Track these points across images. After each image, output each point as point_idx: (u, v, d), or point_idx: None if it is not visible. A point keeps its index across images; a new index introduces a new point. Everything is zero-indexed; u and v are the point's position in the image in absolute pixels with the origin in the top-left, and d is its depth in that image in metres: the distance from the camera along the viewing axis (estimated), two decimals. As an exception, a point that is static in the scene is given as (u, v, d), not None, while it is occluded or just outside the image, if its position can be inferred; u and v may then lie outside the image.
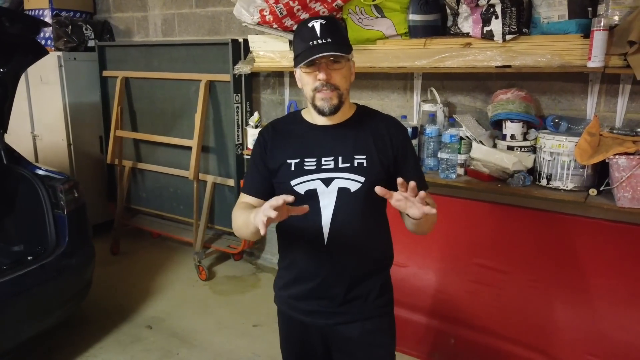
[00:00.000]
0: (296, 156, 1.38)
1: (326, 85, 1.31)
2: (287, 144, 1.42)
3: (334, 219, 1.35)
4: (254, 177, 1.46)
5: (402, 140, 1.43)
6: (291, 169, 1.38)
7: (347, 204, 1.35)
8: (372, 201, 1.34)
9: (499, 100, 2.35)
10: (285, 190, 1.37)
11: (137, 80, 3.88)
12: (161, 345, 2.74)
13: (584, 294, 2.23)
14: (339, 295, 1.40)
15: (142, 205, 4.11)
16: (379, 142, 1.39)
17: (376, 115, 1.48)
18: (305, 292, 1.43)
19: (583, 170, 2.13)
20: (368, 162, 1.36)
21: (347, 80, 1.36)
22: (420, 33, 2.45)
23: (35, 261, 2.41)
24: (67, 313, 2.63)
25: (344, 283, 1.40)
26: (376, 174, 1.36)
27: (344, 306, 1.42)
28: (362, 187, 1.35)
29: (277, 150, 1.41)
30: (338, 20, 1.37)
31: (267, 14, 2.65)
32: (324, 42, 1.28)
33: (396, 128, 1.44)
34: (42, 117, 4.09)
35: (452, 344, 2.50)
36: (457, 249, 2.54)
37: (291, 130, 1.44)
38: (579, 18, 2.09)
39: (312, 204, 1.34)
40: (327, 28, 1.30)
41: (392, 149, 1.39)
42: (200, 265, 3.48)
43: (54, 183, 2.61)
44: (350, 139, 1.38)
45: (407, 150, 1.43)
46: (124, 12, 4.19)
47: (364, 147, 1.38)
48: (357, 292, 1.42)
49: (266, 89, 3.44)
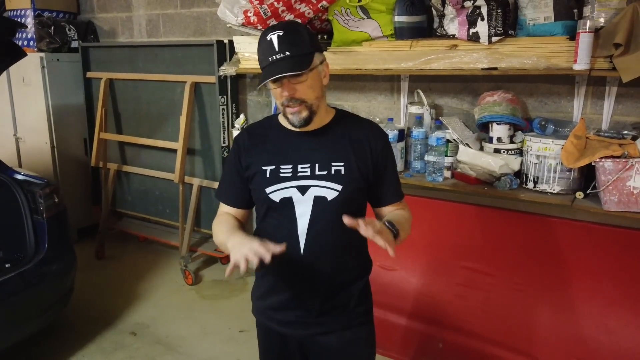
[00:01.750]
0: (272, 163, 1.35)
1: (292, 101, 1.27)
2: (263, 150, 1.37)
3: (310, 228, 1.32)
4: (229, 185, 1.44)
5: (382, 148, 1.39)
6: (266, 176, 1.34)
7: (323, 212, 1.32)
8: (350, 209, 1.31)
9: (486, 103, 2.33)
10: (261, 198, 1.36)
11: (122, 81, 3.82)
12: (145, 352, 2.69)
13: (570, 297, 2.22)
14: (316, 305, 1.38)
15: (127, 209, 4.05)
16: (357, 149, 1.35)
17: (356, 121, 1.44)
18: (281, 303, 1.41)
19: (570, 173, 2.12)
20: (346, 170, 1.32)
21: (316, 89, 1.29)
22: (407, 35, 2.43)
23: (14, 268, 2.36)
24: (47, 321, 2.57)
25: (321, 293, 1.37)
26: (353, 181, 1.33)
27: (322, 316, 1.39)
28: (338, 195, 1.31)
29: (253, 156, 1.38)
30: (299, 27, 1.30)
31: (251, 15, 2.61)
32: (283, 56, 1.22)
33: (376, 134, 1.40)
34: (25, 120, 4.02)
35: (440, 348, 2.48)
36: (444, 252, 2.52)
37: (267, 135, 1.40)
38: (565, 20, 2.07)
39: (287, 212, 1.32)
40: (285, 40, 1.23)
41: (371, 156, 1.36)
42: (186, 270, 3.43)
43: (33, 188, 2.55)
44: (328, 146, 1.35)
45: (386, 158, 1.40)
46: (108, 13, 4.12)
47: (341, 154, 1.34)
48: (335, 302, 1.39)
49: (252, 90, 3.40)
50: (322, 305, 1.38)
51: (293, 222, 1.32)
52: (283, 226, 1.33)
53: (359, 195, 1.37)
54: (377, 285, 1.61)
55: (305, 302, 1.38)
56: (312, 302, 1.38)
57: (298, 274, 1.36)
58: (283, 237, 1.32)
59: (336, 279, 1.38)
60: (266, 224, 1.40)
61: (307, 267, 1.34)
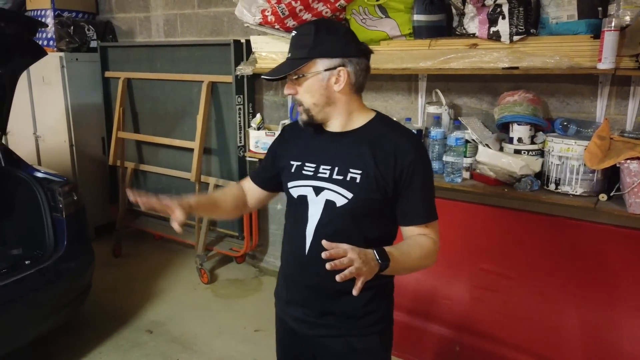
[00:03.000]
0: (299, 159, 1.38)
1: (294, 100, 1.33)
2: (296, 145, 1.42)
3: (317, 230, 1.32)
4: (261, 167, 1.53)
5: (410, 163, 1.27)
6: (292, 170, 1.38)
7: (331, 217, 1.30)
8: (360, 219, 1.29)
9: (506, 103, 2.29)
10: (285, 190, 1.41)
11: (139, 81, 3.85)
12: (161, 350, 2.70)
13: (592, 302, 2.17)
14: (318, 306, 1.38)
15: (144, 207, 4.07)
16: (381, 158, 1.28)
17: (391, 129, 1.35)
18: (290, 297, 1.44)
19: (593, 174, 2.07)
20: (362, 179, 1.28)
21: (314, 94, 1.28)
22: (425, 34, 2.40)
23: (33, 265, 2.38)
24: (65, 317, 2.59)
25: (322, 295, 1.36)
26: (367, 192, 1.27)
27: (325, 318, 1.38)
28: (347, 203, 1.28)
29: (287, 149, 1.43)
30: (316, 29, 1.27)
31: (269, 14, 2.60)
32: (287, 57, 1.31)
33: (407, 147, 1.29)
34: (45, 118, 4.07)
35: (457, 352, 2.45)
36: (463, 254, 2.48)
37: (304, 131, 1.40)
38: (589, 18, 2.03)
39: (302, 209, 1.34)
40: (295, 41, 1.30)
41: (394, 169, 1.27)
42: (202, 268, 3.45)
43: (52, 186, 2.57)
44: (351, 151, 1.31)
45: (413, 174, 1.27)
46: (126, 13, 4.16)
47: (362, 161, 1.29)
48: (337, 308, 1.36)
49: (269, 90, 3.39)
50: (325, 306, 1.37)
51: (304, 221, 1.34)
52: (297, 222, 1.36)
53: (372, 206, 1.29)
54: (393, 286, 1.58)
55: (308, 300, 1.39)
56: (315, 302, 1.38)
57: (302, 273, 1.38)
58: (295, 234, 1.37)
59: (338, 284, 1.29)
60: (289, 215, 1.44)
61: (310, 267, 1.34)
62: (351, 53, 1.29)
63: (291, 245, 1.42)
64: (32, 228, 2.60)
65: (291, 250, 1.42)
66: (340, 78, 1.28)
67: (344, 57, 1.28)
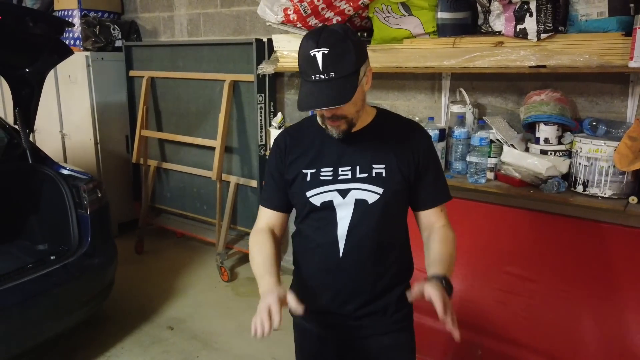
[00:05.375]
0: (312, 166, 1.31)
1: (332, 117, 1.22)
2: (303, 152, 1.33)
3: (350, 232, 1.28)
4: (271, 189, 1.39)
5: (425, 149, 1.33)
6: (307, 179, 1.30)
7: (364, 216, 1.28)
8: (391, 212, 1.28)
9: (532, 102, 2.24)
10: (301, 202, 1.32)
11: (163, 80, 3.89)
12: (181, 347, 2.72)
13: (619, 307, 2.11)
14: (354, 310, 1.35)
15: (166, 205, 4.12)
16: (399, 150, 1.30)
17: (398, 121, 1.39)
18: (319, 306, 1.37)
19: (623, 176, 2.01)
20: (387, 172, 1.28)
21: (358, 103, 1.23)
22: (449, 32, 2.36)
23: (58, 260, 2.43)
24: (89, 312, 2.63)
25: (359, 298, 1.34)
26: (395, 184, 1.29)
27: (360, 321, 1.36)
28: (380, 198, 1.27)
29: (293, 159, 1.34)
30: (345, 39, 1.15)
31: (291, 12, 2.59)
32: (327, 78, 1.13)
33: (419, 134, 1.35)
34: (71, 117, 4.15)
35: (479, 355, 2.41)
36: (486, 256, 2.43)
37: (307, 137, 1.35)
38: (620, 15, 1.97)
39: (328, 215, 1.29)
40: (330, 58, 1.13)
41: (413, 157, 1.30)
42: (222, 266, 3.46)
43: (77, 183, 2.62)
44: (369, 148, 1.30)
45: (429, 159, 1.33)
46: (150, 12, 4.21)
47: (382, 155, 1.29)
48: (373, 308, 1.35)
49: (290, 89, 3.39)
50: (360, 309, 1.35)
51: (333, 225, 1.29)
52: (323, 229, 1.30)
53: (400, 198, 1.32)
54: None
55: (343, 306, 1.35)
56: (350, 306, 1.34)
57: (336, 278, 1.33)
58: (323, 240, 1.31)
59: (375, 284, 1.34)
60: (306, 226, 1.36)
61: (346, 271, 1.31)
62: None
63: (320, 254, 1.34)
64: (57, 224, 2.64)
65: (320, 260, 1.34)
66: (369, 78, 1.26)
67: (367, 56, 1.24)
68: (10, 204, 2.88)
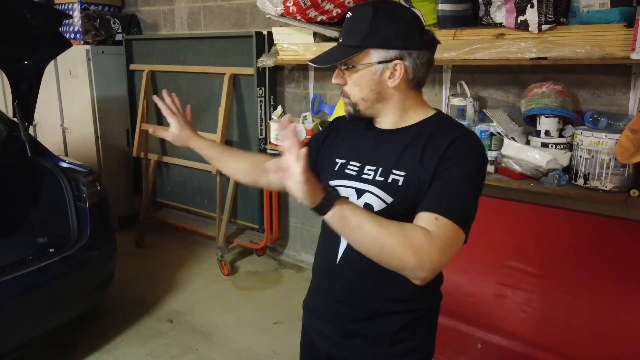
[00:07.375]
0: (344, 156, 1.22)
1: (341, 91, 1.17)
2: (343, 140, 1.26)
3: None
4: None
5: (454, 156, 1.07)
6: (335, 168, 1.22)
7: None
8: None
9: (533, 94, 2.22)
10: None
11: (163, 73, 3.88)
12: (181, 340, 2.72)
13: (620, 301, 2.10)
14: (344, 324, 1.22)
15: (166, 199, 4.12)
16: (427, 157, 1.09)
17: (447, 126, 1.15)
18: (316, 309, 1.31)
19: (624, 169, 2.00)
20: (404, 181, 1.10)
21: (363, 88, 1.12)
22: (450, 24, 2.35)
23: (57, 253, 2.43)
24: (89, 305, 2.64)
25: (350, 312, 1.21)
26: (408, 196, 1.10)
27: (352, 339, 1.22)
28: (386, 208, 1.11)
29: (335, 144, 1.28)
30: (375, 10, 1.07)
31: (290, 5, 2.58)
32: (339, 42, 1.13)
33: (462, 141, 1.09)
34: (71, 110, 4.15)
35: (478, 349, 2.40)
36: (486, 250, 2.42)
37: (353, 126, 1.25)
38: (622, 6, 1.95)
39: None
40: (348, 24, 1.11)
41: (437, 164, 1.07)
42: (222, 260, 3.46)
43: (76, 175, 2.61)
44: (398, 150, 1.14)
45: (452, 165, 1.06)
46: (151, 6, 4.19)
47: (406, 161, 1.11)
48: (367, 329, 1.20)
49: (290, 82, 3.38)
50: (352, 326, 1.21)
51: None
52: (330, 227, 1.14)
53: (409, 212, 1.07)
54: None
55: (335, 316, 1.24)
56: (342, 319, 1.23)
57: (332, 285, 1.23)
58: (328, 240, 1.23)
59: (368, 303, 1.19)
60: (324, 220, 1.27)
61: (340, 279, 1.21)
62: (412, 44, 1.09)
63: (323, 250, 1.27)
64: (56, 217, 2.64)
65: (322, 257, 1.28)
66: (395, 73, 1.10)
67: (403, 48, 1.08)
68: (9, 197, 2.88)
